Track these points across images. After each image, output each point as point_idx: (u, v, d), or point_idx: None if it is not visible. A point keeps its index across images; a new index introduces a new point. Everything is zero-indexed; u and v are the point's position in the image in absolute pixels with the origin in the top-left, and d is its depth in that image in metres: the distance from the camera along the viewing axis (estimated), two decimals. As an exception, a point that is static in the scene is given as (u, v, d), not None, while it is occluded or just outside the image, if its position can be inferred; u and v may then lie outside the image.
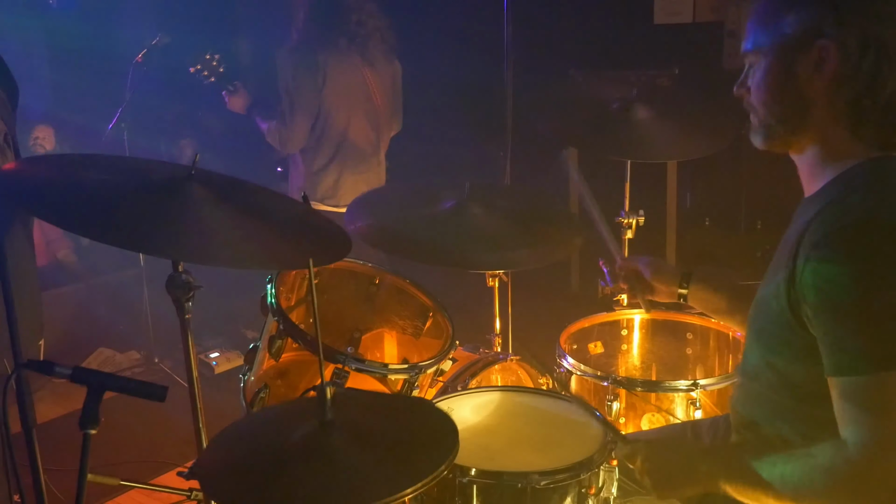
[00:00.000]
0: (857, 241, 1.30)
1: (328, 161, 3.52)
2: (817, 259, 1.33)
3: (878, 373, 1.26)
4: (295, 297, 2.34)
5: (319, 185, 3.54)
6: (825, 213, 1.37)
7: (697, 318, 2.36)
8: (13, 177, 1.65)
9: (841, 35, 1.37)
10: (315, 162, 3.53)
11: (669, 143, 2.55)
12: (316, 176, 3.54)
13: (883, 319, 1.27)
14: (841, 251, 1.31)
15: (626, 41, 4.93)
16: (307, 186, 3.52)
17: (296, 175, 3.64)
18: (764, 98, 1.48)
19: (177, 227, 1.56)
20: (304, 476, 1.33)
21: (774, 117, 1.47)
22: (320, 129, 3.48)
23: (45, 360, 1.49)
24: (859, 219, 1.32)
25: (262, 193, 1.92)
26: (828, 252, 1.32)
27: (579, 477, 1.63)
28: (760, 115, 1.50)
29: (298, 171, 3.60)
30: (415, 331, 2.38)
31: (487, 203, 2.31)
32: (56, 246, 4.76)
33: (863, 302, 1.28)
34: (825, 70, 1.39)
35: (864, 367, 1.27)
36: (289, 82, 3.41)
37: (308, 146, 3.51)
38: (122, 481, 2.15)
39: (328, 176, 3.54)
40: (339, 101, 3.46)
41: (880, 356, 1.27)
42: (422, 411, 1.61)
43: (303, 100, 3.40)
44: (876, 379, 1.27)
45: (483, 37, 3.68)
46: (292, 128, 3.43)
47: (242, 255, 1.61)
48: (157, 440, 3.45)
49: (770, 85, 1.47)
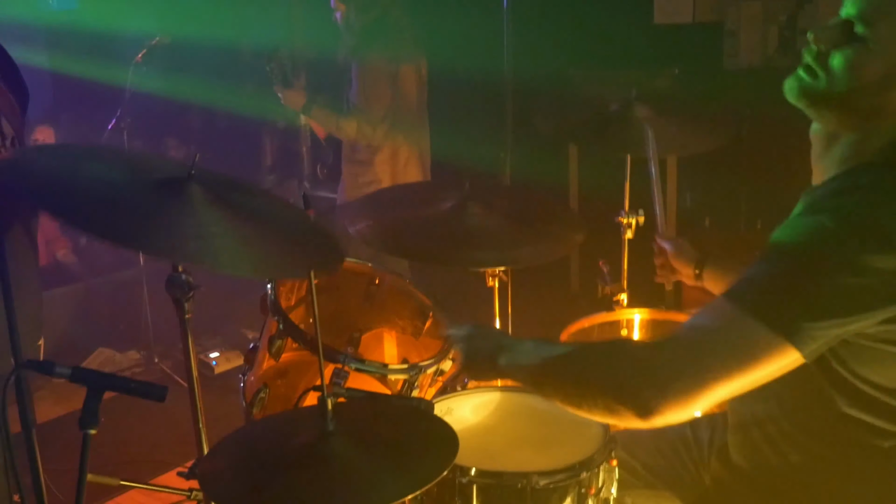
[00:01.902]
0: (826, 219, 1.27)
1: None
2: (790, 219, 1.34)
3: (744, 314, 1.26)
4: (295, 296, 2.34)
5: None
6: (821, 201, 1.34)
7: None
8: (13, 166, 1.64)
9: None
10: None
11: (669, 138, 2.55)
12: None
13: (797, 277, 1.26)
14: (807, 216, 1.31)
15: (626, 41, 4.93)
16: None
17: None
18: (841, 72, 1.34)
19: (175, 228, 1.56)
20: (304, 479, 1.33)
21: (851, 105, 1.35)
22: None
23: (45, 360, 1.49)
24: (842, 206, 1.28)
25: (262, 196, 1.92)
26: (796, 214, 1.33)
27: (579, 477, 1.62)
28: (823, 77, 1.36)
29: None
30: (415, 330, 2.38)
31: (487, 202, 2.31)
32: (56, 246, 4.76)
33: (791, 258, 1.28)
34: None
35: (741, 301, 1.27)
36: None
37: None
38: (122, 481, 2.16)
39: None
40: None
41: (759, 304, 1.26)
42: (421, 416, 1.61)
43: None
44: (738, 314, 1.27)
45: (483, 36, 3.69)
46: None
47: (240, 262, 1.60)
48: (157, 440, 3.45)
49: (855, 66, 1.32)
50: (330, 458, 1.37)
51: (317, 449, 1.38)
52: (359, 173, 3.70)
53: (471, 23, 4.55)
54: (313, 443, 1.39)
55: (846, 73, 1.33)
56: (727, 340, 1.28)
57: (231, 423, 1.56)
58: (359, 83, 3.55)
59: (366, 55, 3.55)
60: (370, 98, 3.56)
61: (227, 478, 1.37)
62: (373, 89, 3.56)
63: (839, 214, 1.28)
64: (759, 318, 1.25)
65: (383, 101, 3.58)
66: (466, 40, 4.70)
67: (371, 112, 3.55)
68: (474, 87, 4.55)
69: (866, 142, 1.37)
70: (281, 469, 1.35)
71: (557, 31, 5.03)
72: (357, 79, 3.56)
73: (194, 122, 5.91)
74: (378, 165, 3.67)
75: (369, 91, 3.56)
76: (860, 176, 1.34)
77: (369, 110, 3.55)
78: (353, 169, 3.73)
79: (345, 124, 3.57)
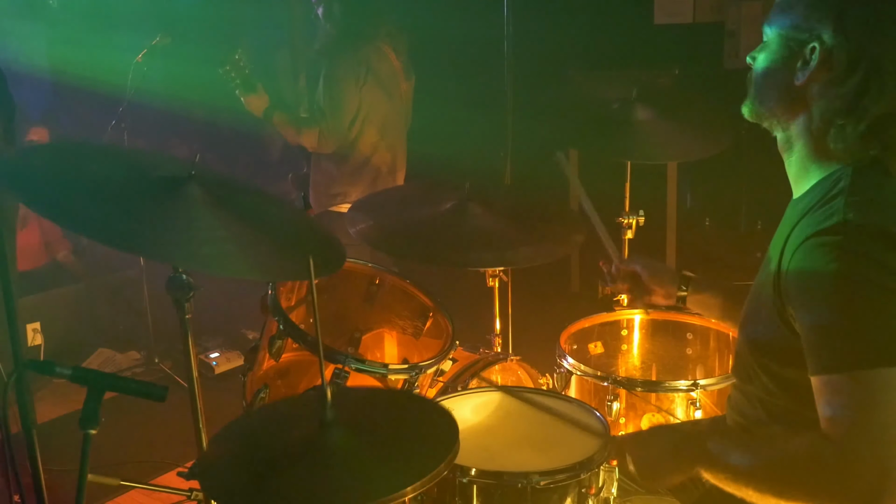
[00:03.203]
0: (837, 244, 1.30)
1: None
2: (799, 261, 1.34)
3: (856, 371, 1.26)
4: (295, 297, 2.34)
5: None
6: (808, 217, 1.38)
7: (697, 318, 2.37)
8: (11, 168, 1.63)
9: (833, 43, 1.36)
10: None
11: (669, 144, 2.55)
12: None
13: (861, 319, 1.27)
14: (821, 253, 1.31)
15: (626, 41, 4.94)
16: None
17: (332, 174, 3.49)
18: (759, 77, 1.50)
19: (176, 231, 1.55)
20: (303, 475, 1.33)
21: (760, 98, 1.49)
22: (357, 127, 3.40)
23: (45, 360, 1.49)
24: (839, 222, 1.32)
25: (261, 196, 1.92)
26: (808, 254, 1.32)
27: (579, 477, 1.63)
28: (752, 91, 1.51)
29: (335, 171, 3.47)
30: (415, 331, 2.38)
31: (487, 203, 2.31)
32: (56, 247, 4.76)
33: (842, 302, 1.29)
34: (809, 73, 1.39)
35: (843, 365, 1.27)
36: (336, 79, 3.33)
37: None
38: (122, 481, 2.16)
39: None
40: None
41: (859, 354, 1.26)
42: (422, 409, 1.61)
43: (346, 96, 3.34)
44: (854, 377, 1.26)
45: (483, 37, 3.69)
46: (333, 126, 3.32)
47: (240, 264, 1.60)
48: (157, 440, 3.45)
49: (767, 68, 1.47)
50: (330, 451, 1.36)
51: (316, 443, 1.38)
52: (326, 184, 3.45)
53: (471, 22, 4.55)
54: (312, 436, 1.38)
55: (758, 70, 1.49)
56: (878, 406, 1.26)
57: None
58: (324, 91, 3.30)
59: (332, 63, 3.32)
60: (334, 107, 3.29)
61: (226, 475, 1.37)
62: (338, 99, 3.30)
63: (848, 230, 1.30)
64: (881, 364, 1.25)
65: (346, 112, 3.31)
66: (466, 40, 4.70)
67: (333, 121, 3.29)
68: (474, 87, 4.55)
69: (810, 144, 1.44)
70: (280, 464, 1.35)
71: (557, 31, 5.03)
72: (322, 86, 3.32)
73: (195, 121, 5.90)
74: (346, 177, 3.41)
75: (334, 100, 3.30)
76: (835, 182, 1.39)
77: (334, 117, 3.29)
78: (319, 179, 3.48)
79: (307, 132, 3.31)
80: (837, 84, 1.36)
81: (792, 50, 1.42)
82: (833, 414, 1.29)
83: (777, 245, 1.43)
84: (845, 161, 1.41)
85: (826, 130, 1.39)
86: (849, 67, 1.35)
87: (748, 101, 1.52)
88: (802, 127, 1.44)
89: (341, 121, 3.31)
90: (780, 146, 1.52)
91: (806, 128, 1.44)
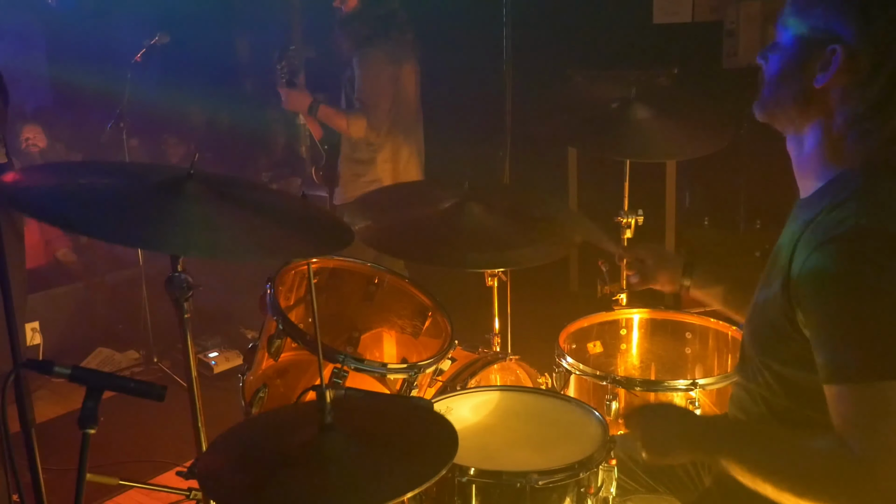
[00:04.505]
0: (852, 250, 1.29)
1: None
2: (812, 267, 1.32)
3: (874, 382, 1.25)
4: (294, 296, 2.34)
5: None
6: (820, 220, 1.36)
7: (696, 317, 2.37)
8: (12, 184, 1.64)
9: (857, 45, 1.32)
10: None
11: (668, 142, 2.55)
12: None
13: (877, 329, 1.26)
14: (835, 260, 1.29)
15: (626, 41, 4.94)
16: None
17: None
18: (773, 78, 1.46)
19: (178, 222, 1.55)
20: (302, 477, 1.33)
21: (775, 99, 1.46)
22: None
23: (44, 360, 1.49)
24: (853, 227, 1.30)
25: (261, 189, 1.92)
26: (822, 260, 1.31)
27: (578, 476, 1.63)
28: (765, 91, 1.48)
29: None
30: (414, 330, 2.38)
31: (487, 202, 2.31)
32: (55, 245, 4.76)
33: (857, 311, 1.27)
34: (830, 76, 1.35)
35: (860, 376, 1.26)
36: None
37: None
38: (121, 481, 2.16)
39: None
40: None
41: (875, 366, 1.25)
42: (421, 413, 1.61)
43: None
44: (871, 388, 1.25)
45: (483, 37, 3.69)
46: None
47: (245, 248, 1.59)
48: (156, 440, 3.45)
49: (782, 69, 1.44)
50: (328, 455, 1.37)
51: (316, 446, 1.38)
52: (360, 173, 3.67)
53: (470, 22, 4.55)
54: (312, 439, 1.38)
55: (771, 71, 1.46)
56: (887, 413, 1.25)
57: (230, 423, 1.55)
58: (364, 80, 3.52)
59: (370, 52, 3.52)
60: (376, 95, 3.52)
61: (226, 475, 1.37)
62: (379, 86, 3.53)
63: (860, 236, 1.29)
64: (889, 377, 1.25)
65: (387, 98, 3.55)
66: (466, 40, 4.71)
67: (378, 109, 3.53)
68: (474, 87, 4.55)
69: (822, 145, 1.41)
70: (279, 467, 1.35)
71: (557, 31, 5.03)
72: (361, 76, 3.52)
73: (193, 121, 5.91)
74: (380, 164, 3.65)
75: (375, 88, 3.52)
76: (847, 184, 1.37)
77: (376, 107, 3.52)
78: (354, 168, 3.69)
79: (354, 122, 3.51)
80: (861, 87, 1.33)
81: (811, 51, 1.38)
82: (849, 424, 1.28)
83: (786, 245, 1.42)
84: (859, 164, 1.39)
85: (846, 134, 1.37)
86: (873, 70, 1.32)
87: (760, 102, 1.49)
88: (819, 129, 1.41)
89: (382, 111, 3.55)
90: (791, 146, 1.50)
91: (822, 130, 1.41)
